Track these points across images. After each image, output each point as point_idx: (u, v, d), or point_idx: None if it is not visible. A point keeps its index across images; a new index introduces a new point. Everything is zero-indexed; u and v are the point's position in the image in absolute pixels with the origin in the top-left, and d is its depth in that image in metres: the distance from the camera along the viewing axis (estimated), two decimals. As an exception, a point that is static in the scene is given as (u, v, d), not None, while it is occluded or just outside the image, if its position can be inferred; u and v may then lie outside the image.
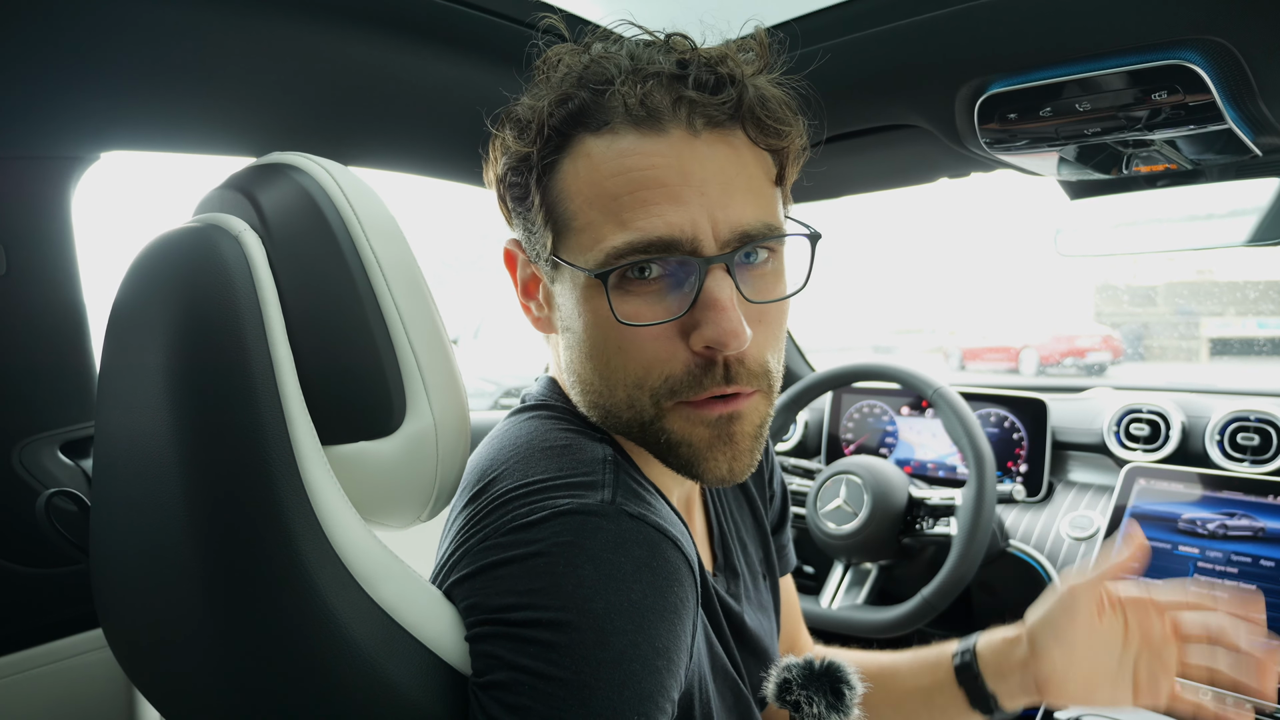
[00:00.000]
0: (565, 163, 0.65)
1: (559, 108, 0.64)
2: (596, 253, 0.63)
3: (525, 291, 0.74)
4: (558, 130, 0.65)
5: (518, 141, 0.67)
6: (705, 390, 0.64)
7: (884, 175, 1.54)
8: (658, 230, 0.61)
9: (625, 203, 0.62)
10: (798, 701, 0.77)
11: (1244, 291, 7.16)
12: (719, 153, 0.64)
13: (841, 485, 1.58)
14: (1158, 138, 1.00)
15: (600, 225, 0.63)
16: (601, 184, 0.63)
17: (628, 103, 0.62)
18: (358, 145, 1.16)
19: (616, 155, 0.63)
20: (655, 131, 0.62)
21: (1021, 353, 9.09)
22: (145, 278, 0.60)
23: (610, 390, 0.67)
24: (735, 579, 0.85)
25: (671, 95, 0.62)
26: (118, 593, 0.62)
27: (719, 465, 0.67)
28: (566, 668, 0.52)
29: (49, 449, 1.00)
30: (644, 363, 0.64)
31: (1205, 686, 0.79)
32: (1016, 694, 0.85)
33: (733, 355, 0.63)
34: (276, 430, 0.55)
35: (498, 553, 0.58)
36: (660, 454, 0.68)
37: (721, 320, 0.61)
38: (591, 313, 0.66)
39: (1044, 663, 0.82)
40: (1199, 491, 1.33)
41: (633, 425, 0.68)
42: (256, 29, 0.85)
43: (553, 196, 0.66)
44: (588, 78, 0.64)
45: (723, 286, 0.62)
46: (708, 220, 0.62)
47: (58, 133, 0.93)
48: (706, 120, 0.63)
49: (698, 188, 0.62)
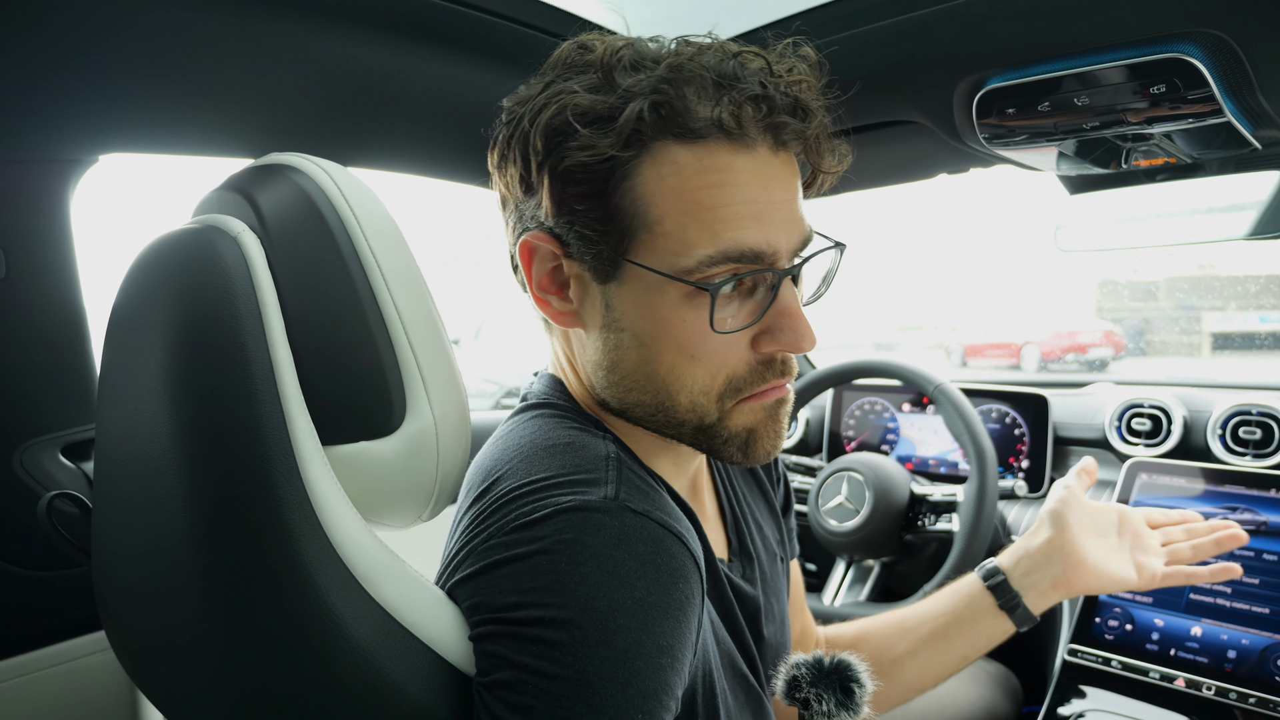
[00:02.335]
0: (646, 167, 0.64)
1: (651, 112, 0.63)
2: (685, 259, 0.64)
3: (541, 285, 0.71)
4: (640, 133, 0.64)
5: (596, 137, 0.64)
6: (766, 384, 0.69)
7: (883, 171, 1.53)
8: (750, 243, 0.64)
9: (720, 215, 0.64)
10: (807, 699, 0.77)
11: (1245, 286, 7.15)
12: (790, 172, 0.68)
13: (843, 482, 1.58)
14: (1157, 132, 1.00)
15: (689, 231, 0.64)
16: (693, 193, 0.64)
17: (722, 116, 0.63)
18: (356, 146, 1.16)
19: (709, 168, 0.64)
20: (746, 149, 0.65)
21: (1023, 349, 9.07)
22: (145, 279, 0.60)
23: (671, 394, 0.68)
24: (750, 563, 0.85)
25: (760, 114, 0.65)
26: (120, 595, 0.62)
27: (767, 443, 0.71)
28: (570, 666, 0.52)
29: (50, 451, 1.00)
30: (712, 369, 0.67)
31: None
32: (1042, 585, 0.97)
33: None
34: (276, 431, 0.55)
35: (500, 551, 0.58)
36: (715, 448, 0.71)
37: (799, 327, 0.67)
38: (669, 319, 0.66)
39: (1068, 538, 0.97)
40: (1201, 486, 1.33)
41: (688, 424, 0.70)
42: (254, 30, 0.85)
43: (630, 199, 0.65)
44: (679, 80, 0.63)
45: (795, 295, 0.68)
46: (784, 236, 0.66)
47: (56, 135, 0.93)
48: (783, 144, 0.67)
49: (777, 205, 0.66)
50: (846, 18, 0.97)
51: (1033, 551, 0.98)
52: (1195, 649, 1.17)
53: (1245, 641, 1.14)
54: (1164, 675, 1.16)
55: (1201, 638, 1.17)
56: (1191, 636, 1.18)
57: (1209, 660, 1.15)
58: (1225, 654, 1.14)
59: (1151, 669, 1.17)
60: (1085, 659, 1.22)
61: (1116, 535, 0.99)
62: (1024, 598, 0.97)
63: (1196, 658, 1.16)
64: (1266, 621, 1.15)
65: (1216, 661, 1.14)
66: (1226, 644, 1.15)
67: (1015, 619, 0.97)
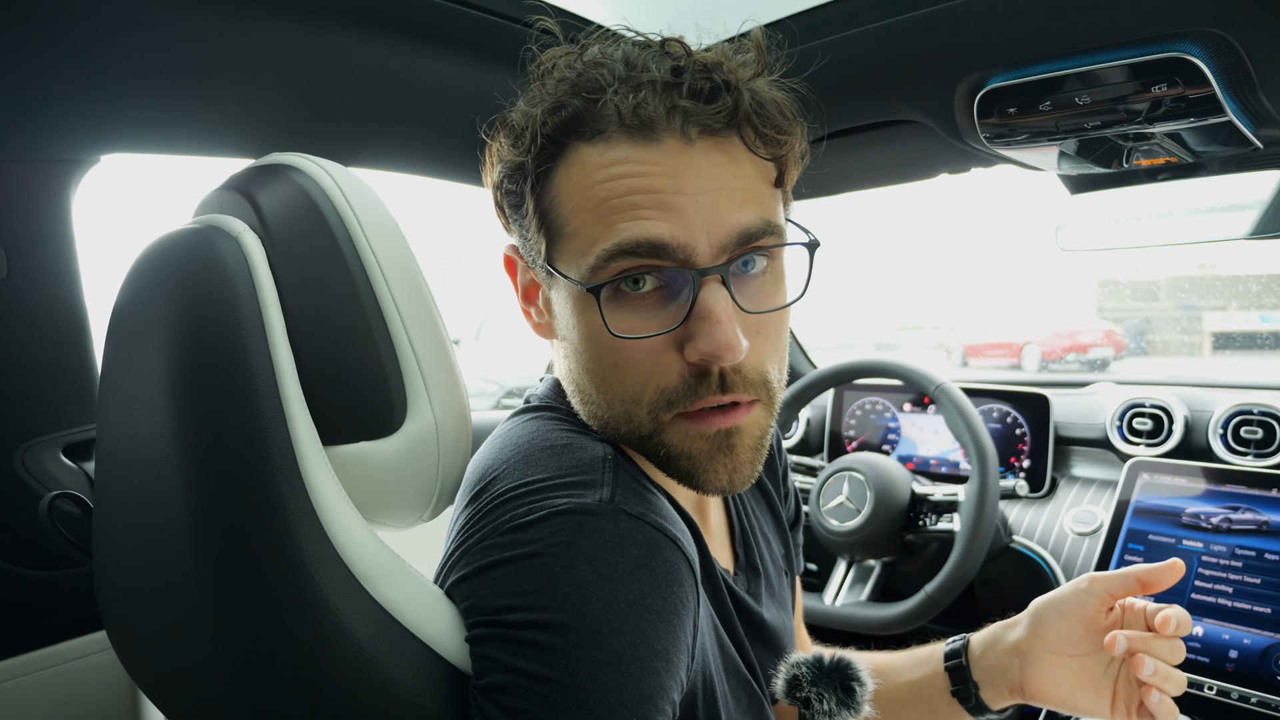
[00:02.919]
0: (559, 171, 0.64)
1: (552, 116, 0.63)
2: (588, 257, 0.62)
3: (526, 297, 0.74)
4: (551, 139, 0.64)
5: (512, 150, 0.66)
6: (701, 399, 0.63)
7: (884, 171, 1.53)
8: (647, 234, 0.60)
9: (615, 206, 0.61)
10: (808, 698, 0.77)
11: (1246, 285, 7.14)
12: (714, 161, 0.62)
13: (844, 482, 1.58)
14: (1158, 131, 0.99)
15: (591, 229, 0.62)
16: (592, 190, 0.62)
17: (621, 111, 0.61)
18: (357, 146, 1.16)
19: (609, 163, 0.62)
20: (649, 140, 0.61)
21: (1024, 348, 9.07)
22: (146, 280, 0.60)
23: (608, 404, 0.67)
24: (756, 577, 0.84)
25: (665, 104, 0.61)
26: (120, 594, 0.62)
27: (719, 476, 0.66)
28: (563, 670, 0.52)
29: (51, 451, 1.00)
30: (639, 378, 0.64)
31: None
32: (999, 685, 0.85)
33: (728, 366, 0.62)
34: (277, 430, 0.55)
35: (495, 553, 0.57)
36: (661, 465, 0.68)
37: (715, 332, 0.60)
38: (585, 325, 0.65)
39: (1036, 646, 0.82)
40: (1202, 486, 1.33)
41: (631, 438, 0.67)
42: (255, 30, 0.85)
43: (546, 204, 0.65)
44: (581, 85, 0.63)
45: (717, 298, 0.61)
46: (702, 229, 0.61)
47: (58, 136, 0.93)
48: (701, 129, 0.62)
49: (691, 196, 0.61)
50: (847, 17, 0.96)
51: (1000, 648, 0.85)
52: (1197, 649, 1.17)
53: (1247, 641, 1.14)
54: (1165, 675, 1.15)
55: (1203, 638, 1.17)
56: (1193, 636, 1.18)
57: (1210, 660, 1.15)
58: (1227, 654, 1.14)
59: (1153, 669, 1.17)
60: (1086, 659, 1.22)
61: (1110, 655, 0.78)
62: (981, 691, 0.86)
63: (1198, 657, 1.16)
64: (1268, 621, 1.15)
65: (1218, 661, 1.14)
66: (1228, 644, 1.15)
67: (970, 709, 0.87)
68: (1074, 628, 0.80)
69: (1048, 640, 0.81)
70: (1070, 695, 0.81)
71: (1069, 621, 0.81)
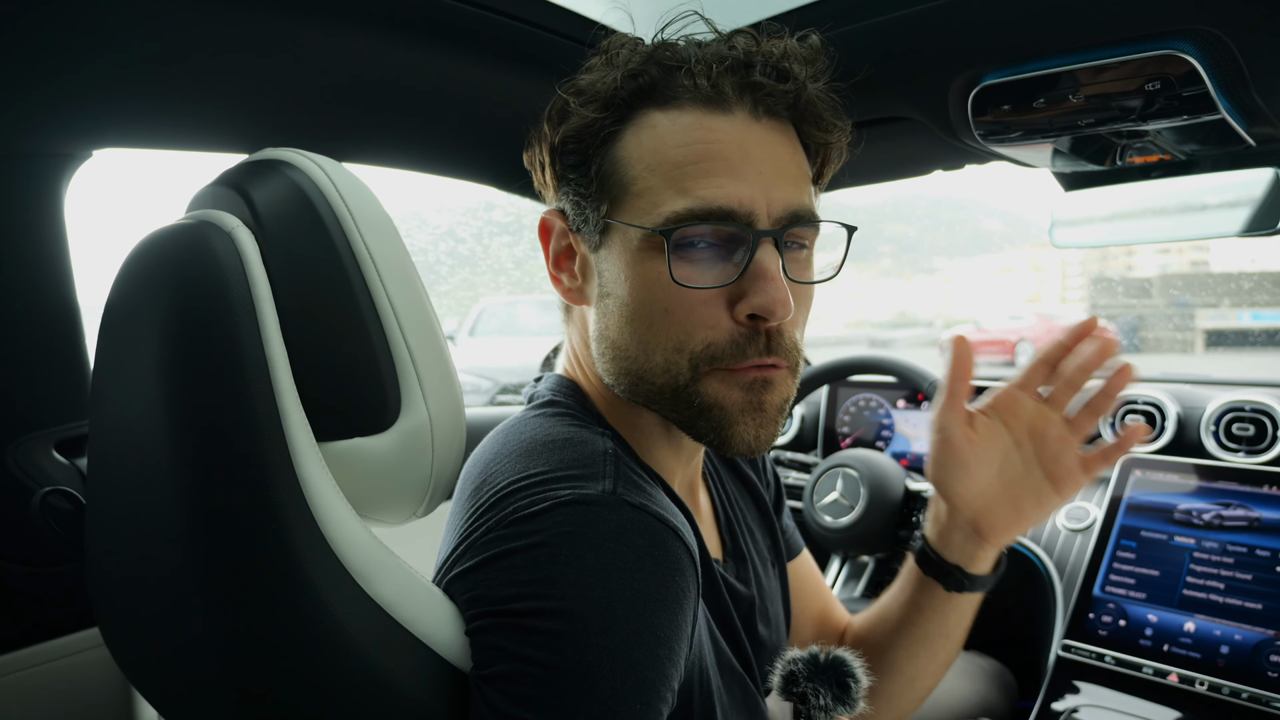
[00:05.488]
0: (628, 133, 0.69)
1: (629, 81, 0.68)
2: (655, 216, 0.66)
3: (557, 263, 0.76)
4: (626, 102, 0.68)
5: (584, 108, 0.69)
6: (747, 359, 0.67)
7: (879, 168, 1.53)
8: (718, 200, 0.64)
9: (688, 171, 0.65)
10: (804, 694, 0.77)
11: (1239, 283, 7.18)
12: (776, 140, 0.68)
13: (838, 478, 1.58)
14: (1151, 128, 1.00)
15: (660, 190, 0.66)
16: (665, 152, 0.66)
17: (698, 83, 0.66)
18: (352, 141, 1.15)
19: (682, 128, 0.67)
20: (721, 110, 0.67)
21: (1017, 345, 9.11)
22: (138, 275, 0.60)
23: (647, 354, 0.69)
24: (744, 564, 0.85)
25: (738, 81, 0.67)
26: (113, 590, 0.62)
27: (747, 431, 0.68)
28: (569, 657, 0.53)
29: (43, 447, 0.99)
30: (688, 326, 0.67)
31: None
32: (968, 549, 0.85)
33: (774, 326, 0.67)
34: (271, 427, 0.55)
35: (499, 545, 0.58)
36: (689, 419, 0.69)
37: (771, 289, 0.64)
38: (642, 275, 0.68)
39: (960, 504, 0.84)
40: (1194, 482, 1.34)
41: (665, 390, 0.69)
42: (249, 25, 0.85)
43: (612, 163, 0.69)
44: (659, 57, 0.68)
45: (773, 259, 0.66)
46: (763, 197, 0.66)
47: (50, 130, 0.92)
48: (768, 108, 0.68)
49: (756, 166, 0.66)
50: (841, 13, 0.96)
51: (949, 532, 0.86)
52: (1188, 644, 1.17)
53: (1238, 637, 1.15)
54: (1157, 671, 1.16)
55: (1195, 633, 1.18)
56: (1185, 632, 1.18)
57: (1202, 656, 1.15)
58: (1218, 649, 1.15)
59: (1145, 664, 1.17)
60: (1079, 654, 1.23)
61: (1015, 451, 0.83)
62: (965, 569, 0.86)
63: (1190, 653, 1.16)
64: (1259, 617, 1.15)
65: (1210, 657, 1.15)
66: (1220, 639, 1.16)
67: (972, 587, 0.86)
68: (964, 466, 0.82)
69: (964, 496, 0.83)
70: (1018, 515, 0.83)
71: (957, 468, 0.83)
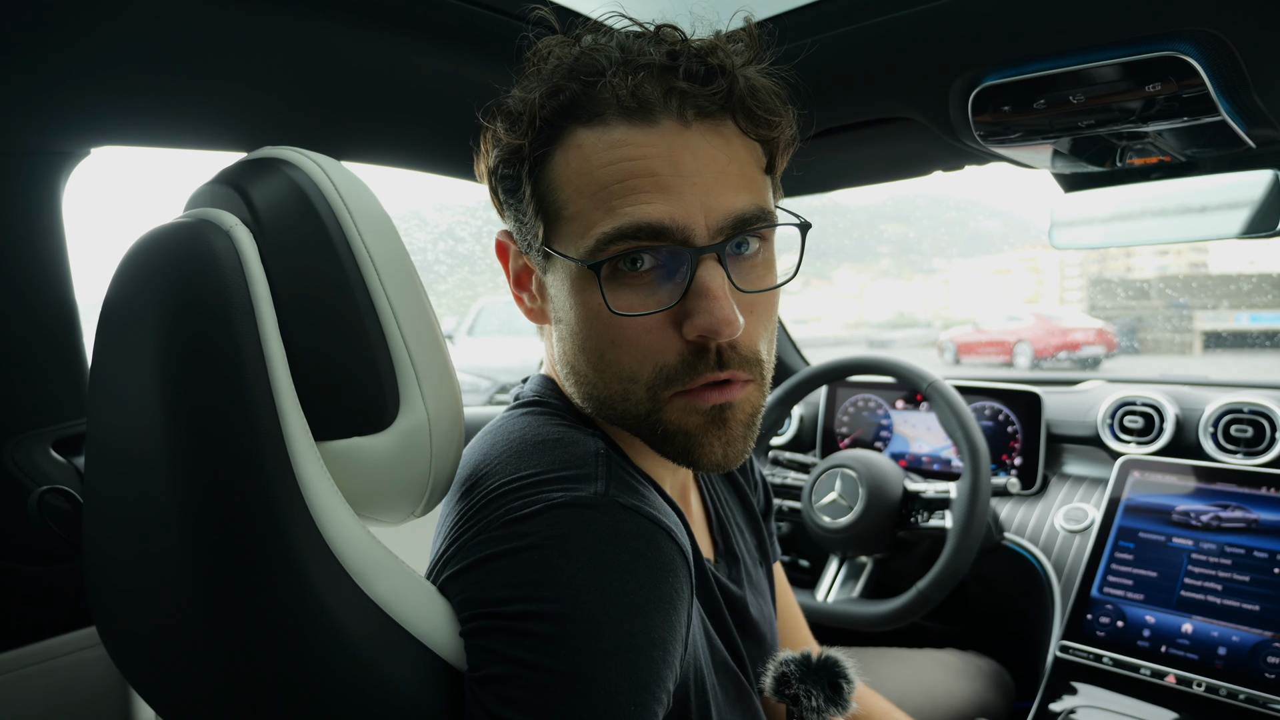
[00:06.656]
0: (556, 154, 0.66)
1: (550, 100, 0.65)
2: (587, 240, 0.63)
3: (518, 283, 0.75)
4: (549, 122, 0.65)
5: (509, 134, 0.67)
6: (700, 376, 0.64)
7: (878, 169, 1.53)
8: (648, 217, 0.61)
9: (615, 191, 0.62)
10: (796, 695, 0.77)
11: (1237, 284, 7.19)
12: (710, 143, 0.64)
13: (837, 479, 1.58)
14: (1151, 130, 1.00)
15: (590, 213, 0.63)
16: (592, 174, 0.63)
17: (619, 94, 0.62)
18: (350, 140, 1.15)
19: (608, 146, 0.63)
20: (646, 122, 0.63)
21: (1016, 346, 9.12)
22: (136, 273, 0.60)
23: (604, 383, 0.67)
24: (736, 564, 0.85)
25: (662, 86, 0.63)
26: (111, 589, 0.61)
27: (713, 450, 0.67)
28: (562, 659, 0.52)
29: (41, 446, 0.99)
30: (637, 355, 0.65)
31: None
32: None
33: (725, 342, 0.64)
34: (269, 426, 0.54)
35: (491, 547, 0.58)
36: (656, 444, 0.68)
37: (714, 308, 0.61)
38: (583, 304, 0.66)
39: None
40: (1193, 484, 1.34)
41: (627, 417, 0.68)
42: (248, 23, 0.85)
43: (544, 187, 0.66)
44: (578, 69, 0.64)
45: (714, 275, 0.62)
46: (700, 210, 0.62)
47: (48, 128, 0.92)
48: (697, 111, 0.63)
49: (689, 178, 0.62)
50: (841, 14, 0.96)
51: None
52: (1186, 646, 1.17)
53: (1236, 639, 1.15)
54: (1155, 672, 1.16)
55: (1192, 635, 1.18)
56: (1182, 633, 1.18)
57: (1199, 657, 1.16)
58: (1216, 651, 1.15)
59: (1142, 665, 1.17)
60: (1076, 655, 1.23)
61: None
62: None
63: (1187, 654, 1.17)
64: (1257, 619, 1.15)
65: (1207, 658, 1.15)
66: (1217, 641, 1.16)
67: None
68: None
69: None
70: None
71: None
